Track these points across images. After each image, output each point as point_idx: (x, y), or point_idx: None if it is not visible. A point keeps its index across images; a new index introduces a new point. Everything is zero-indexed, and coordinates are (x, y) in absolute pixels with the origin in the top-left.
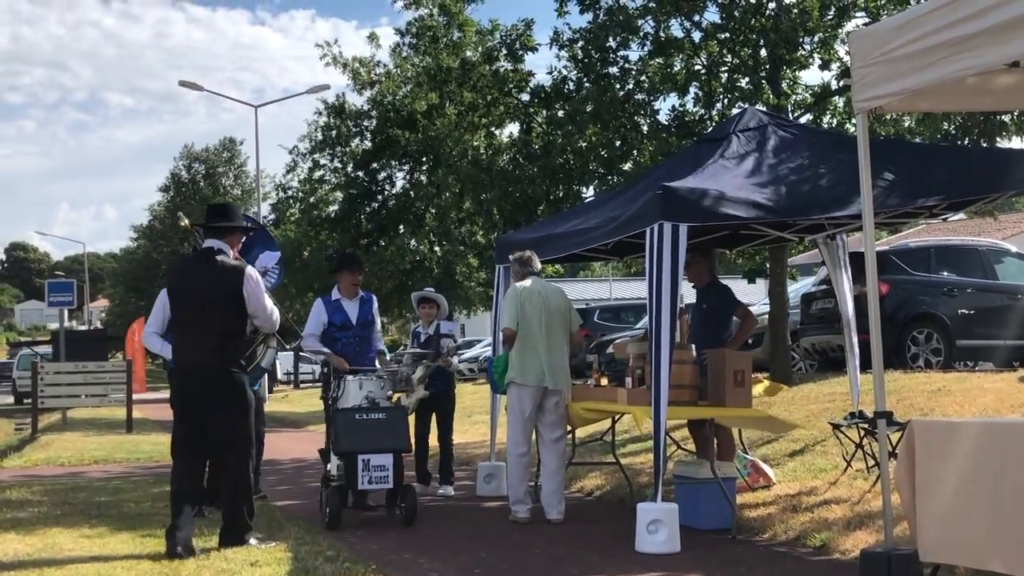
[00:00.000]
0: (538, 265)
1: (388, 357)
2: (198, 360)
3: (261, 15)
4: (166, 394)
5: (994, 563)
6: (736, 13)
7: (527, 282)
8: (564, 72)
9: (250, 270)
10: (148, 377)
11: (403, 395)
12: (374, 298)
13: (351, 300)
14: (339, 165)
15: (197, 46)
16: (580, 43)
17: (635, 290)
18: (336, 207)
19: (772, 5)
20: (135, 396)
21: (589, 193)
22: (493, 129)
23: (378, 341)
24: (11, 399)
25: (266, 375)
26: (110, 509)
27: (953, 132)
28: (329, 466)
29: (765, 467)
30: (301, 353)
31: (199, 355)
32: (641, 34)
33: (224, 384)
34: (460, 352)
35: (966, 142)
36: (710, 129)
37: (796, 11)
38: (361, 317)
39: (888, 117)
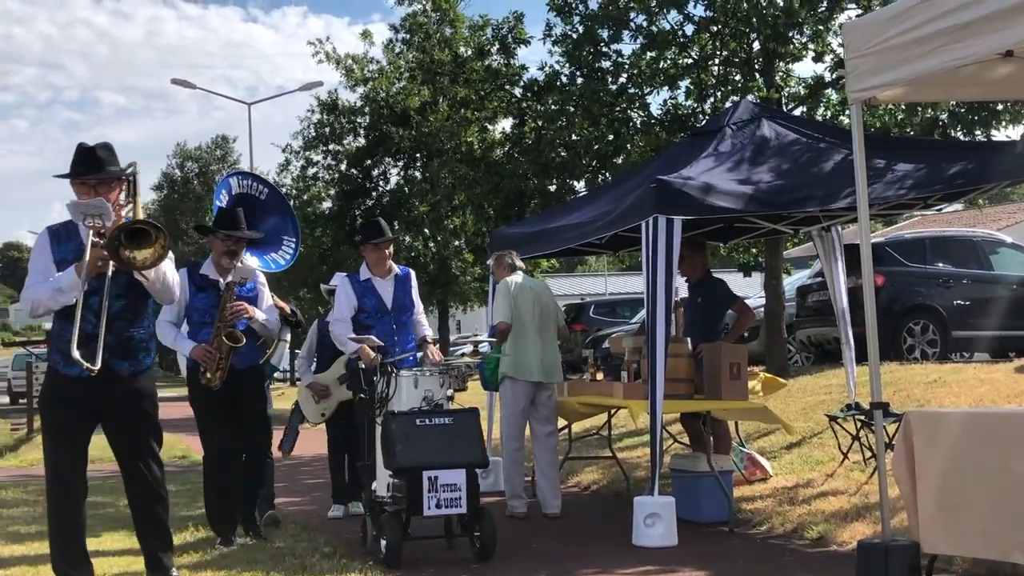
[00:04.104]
0: (520, 262)
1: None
2: None
3: (253, 12)
4: (166, 393)
5: (993, 553)
6: (720, 2)
7: (516, 277)
8: (556, 67)
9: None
10: None
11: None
12: (412, 274)
13: (384, 278)
14: (333, 162)
15: (189, 44)
16: (572, 36)
17: (631, 284)
18: (330, 204)
19: None
20: None
21: (581, 187)
22: (486, 124)
23: (423, 327)
24: (6, 399)
25: None
26: (106, 508)
27: (945, 120)
28: (375, 486)
29: (762, 460)
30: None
31: None
32: (632, 27)
33: None
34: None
35: (959, 132)
36: (703, 122)
37: (782, 2)
38: (397, 299)
39: (881, 110)
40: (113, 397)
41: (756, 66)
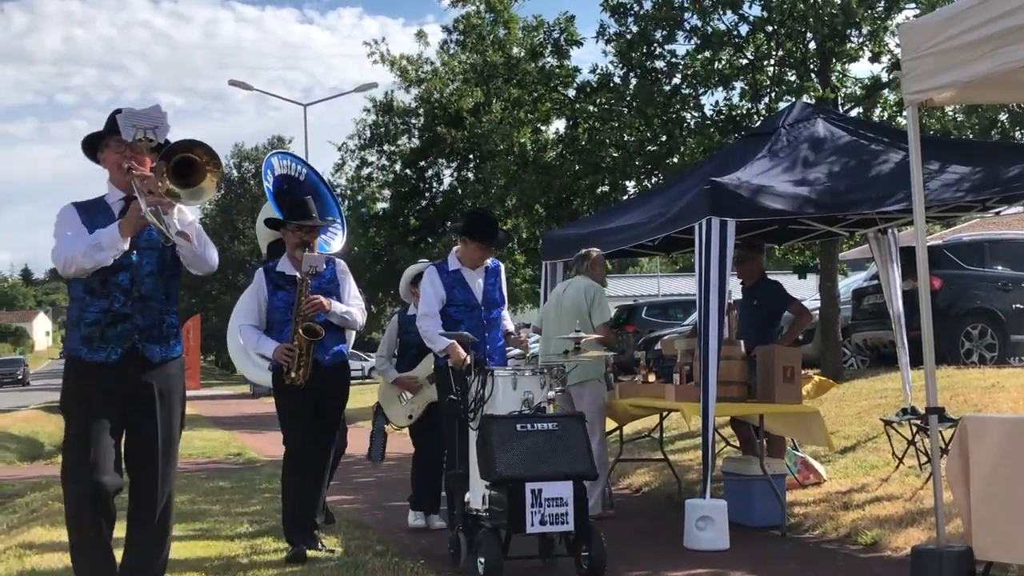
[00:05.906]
0: (586, 262)
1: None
2: None
3: (309, 13)
4: (220, 391)
5: None
6: (776, 2)
7: (563, 283)
8: (610, 68)
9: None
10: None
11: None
12: (501, 267)
13: (474, 270)
14: (387, 163)
15: (246, 45)
16: (626, 37)
17: (683, 286)
18: (385, 204)
19: None
20: (189, 393)
21: (633, 187)
22: (539, 125)
23: (507, 322)
24: None
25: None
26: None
27: (1004, 120)
28: (468, 497)
29: (816, 464)
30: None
31: None
32: (687, 27)
33: None
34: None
35: (1016, 131)
36: (758, 123)
37: (839, 1)
38: (488, 292)
39: (939, 111)
40: (140, 387)
41: (812, 66)
